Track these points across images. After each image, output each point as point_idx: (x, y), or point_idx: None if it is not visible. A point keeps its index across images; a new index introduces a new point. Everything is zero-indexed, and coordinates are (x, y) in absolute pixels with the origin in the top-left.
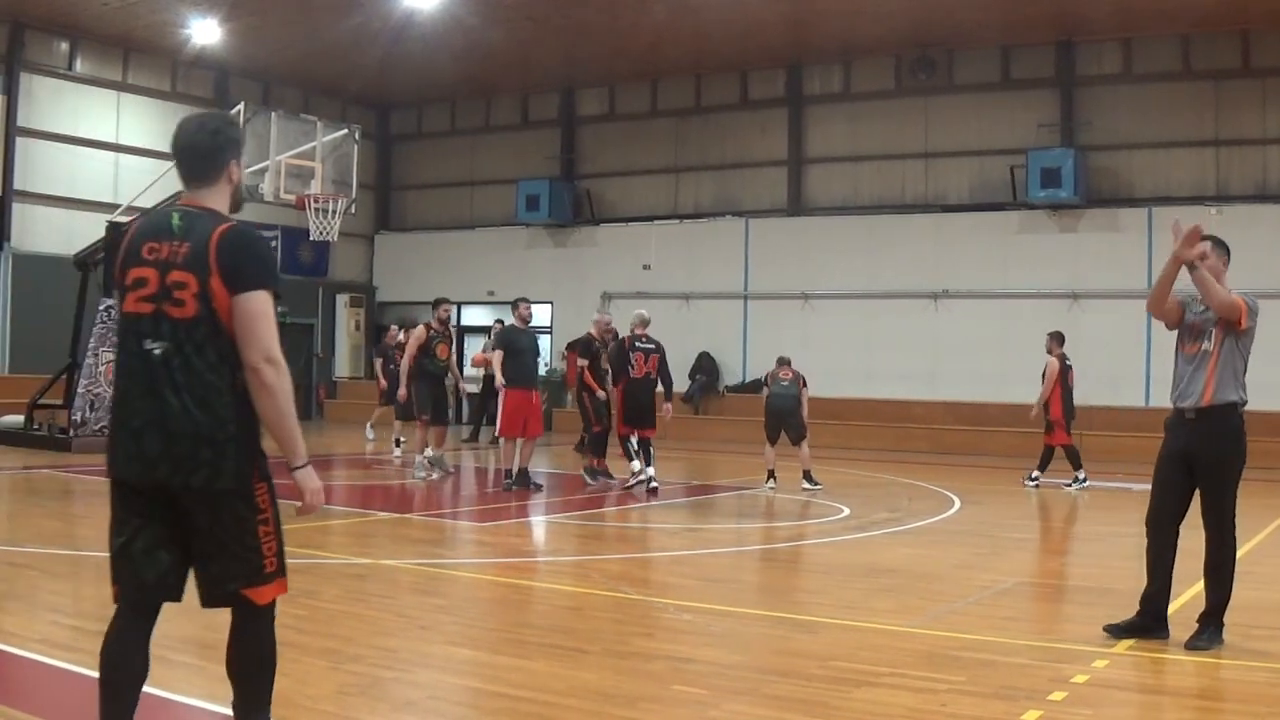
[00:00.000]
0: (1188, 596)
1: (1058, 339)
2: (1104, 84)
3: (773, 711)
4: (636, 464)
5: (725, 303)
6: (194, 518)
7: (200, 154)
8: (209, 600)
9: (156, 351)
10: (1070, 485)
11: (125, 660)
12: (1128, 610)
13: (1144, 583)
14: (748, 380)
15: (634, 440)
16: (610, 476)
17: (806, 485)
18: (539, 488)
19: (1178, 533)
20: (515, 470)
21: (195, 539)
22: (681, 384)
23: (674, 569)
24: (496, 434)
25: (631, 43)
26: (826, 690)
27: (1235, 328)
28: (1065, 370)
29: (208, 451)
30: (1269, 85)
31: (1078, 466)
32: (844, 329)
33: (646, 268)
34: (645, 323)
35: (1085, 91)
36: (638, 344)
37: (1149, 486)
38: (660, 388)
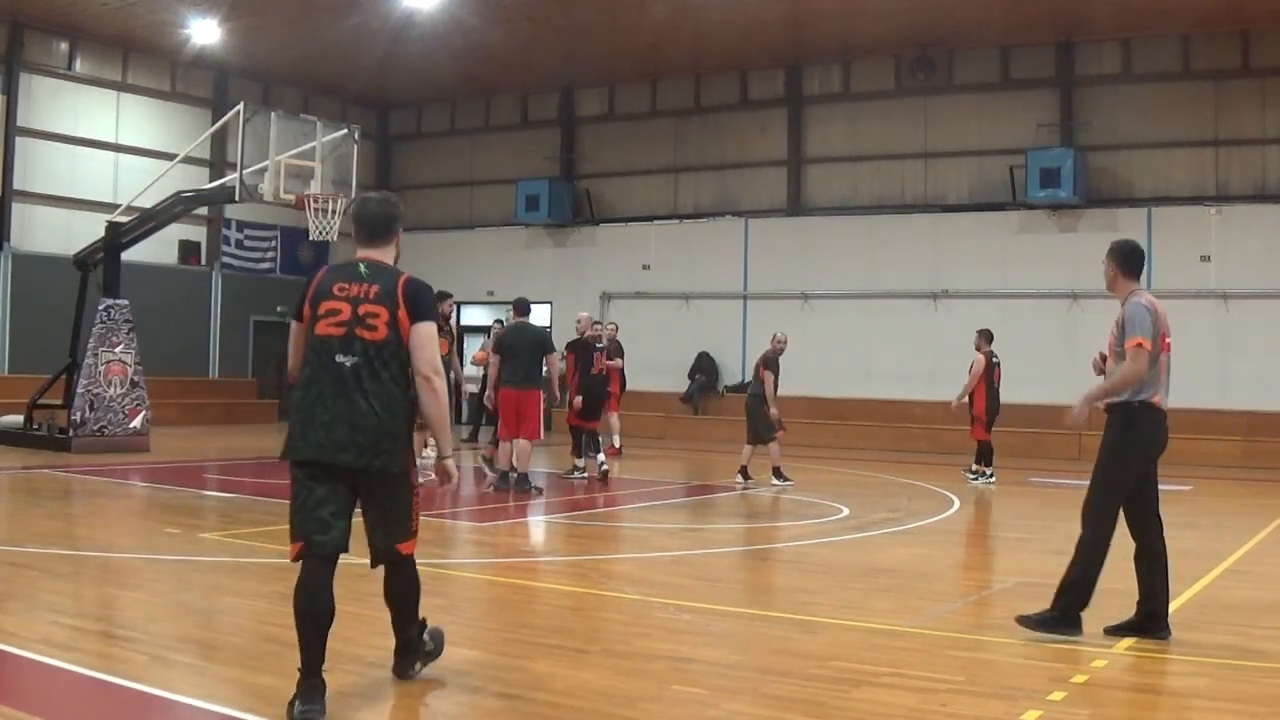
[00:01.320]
0: (1188, 596)
1: (986, 337)
2: (1104, 84)
3: (773, 711)
4: (583, 460)
5: (725, 303)
6: (371, 493)
7: (381, 224)
8: (377, 560)
9: (348, 364)
10: (975, 478)
11: (316, 602)
12: (1128, 610)
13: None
14: (747, 380)
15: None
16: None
17: (775, 482)
18: (539, 491)
19: (1154, 531)
20: (506, 471)
21: (369, 509)
22: (681, 384)
23: (674, 569)
24: (498, 435)
25: (631, 43)
26: (826, 690)
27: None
28: (992, 368)
29: (387, 442)
30: (1269, 85)
31: (988, 464)
32: (844, 329)
33: (646, 268)
34: (593, 324)
35: (1085, 91)
36: (596, 344)
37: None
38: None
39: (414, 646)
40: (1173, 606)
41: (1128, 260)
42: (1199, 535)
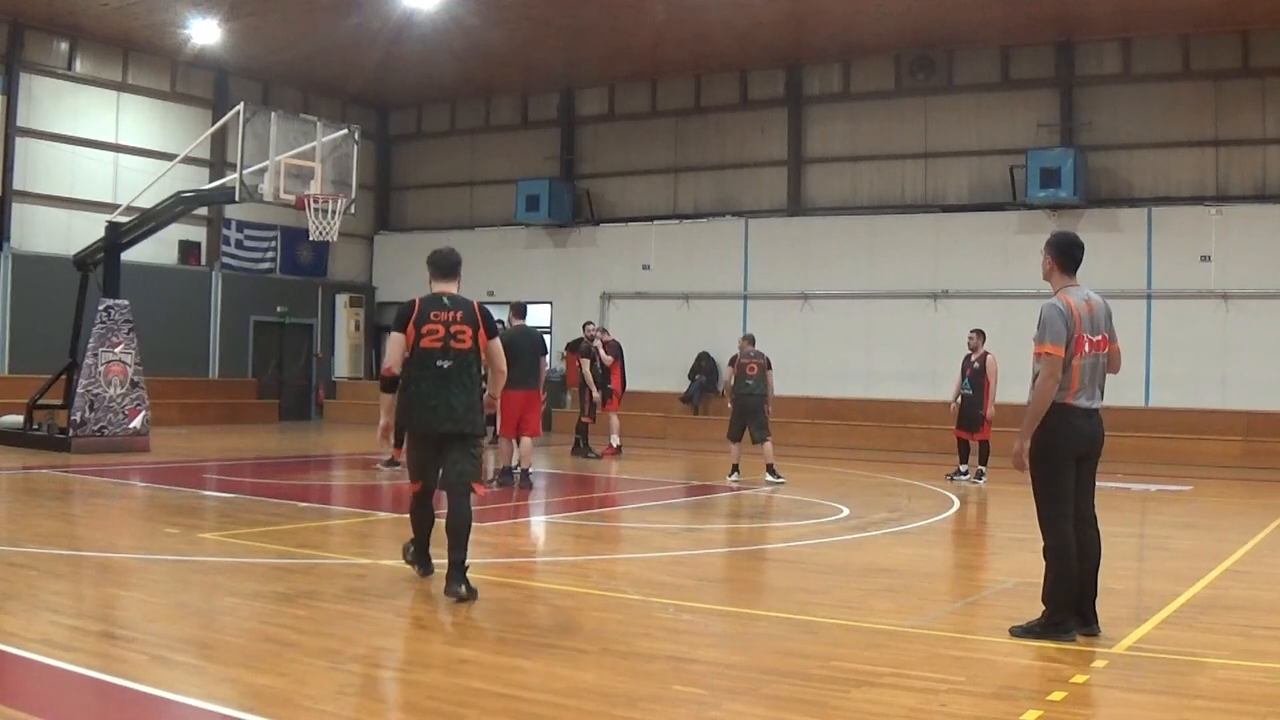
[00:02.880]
0: (1188, 596)
1: (983, 337)
2: (1104, 84)
3: (773, 711)
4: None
5: (725, 303)
6: (453, 446)
7: (454, 266)
8: (453, 492)
9: (445, 366)
10: (964, 477)
11: (426, 515)
12: (1127, 610)
13: (1142, 582)
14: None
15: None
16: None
17: (769, 478)
18: (532, 487)
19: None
20: (509, 468)
21: (451, 457)
22: (681, 384)
23: (674, 569)
24: (498, 432)
25: (631, 43)
26: (826, 690)
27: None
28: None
29: (471, 415)
30: (1269, 85)
31: (983, 462)
32: (844, 329)
33: (646, 268)
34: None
35: (1085, 91)
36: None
37: (1149, 487)
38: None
39: (460, 570)
40: (1173, 606)
41: (1065, 253)
42: (1199, 535)
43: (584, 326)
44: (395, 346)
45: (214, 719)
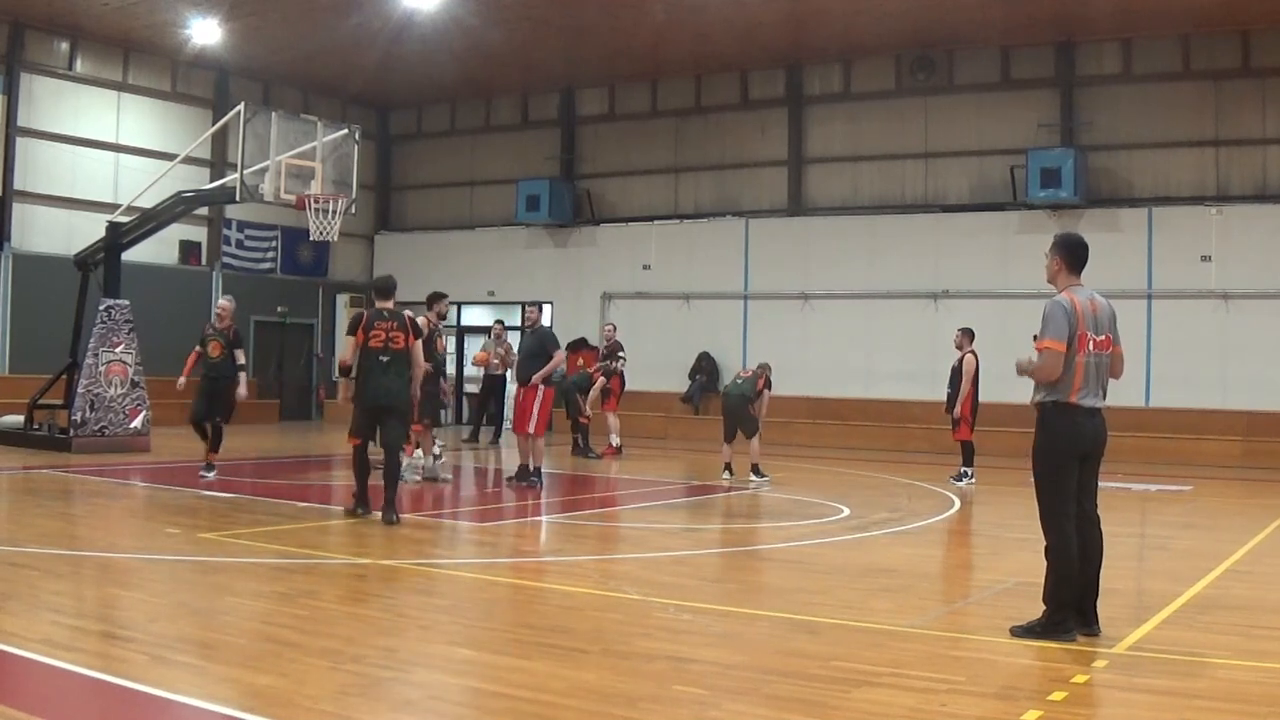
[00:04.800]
0: (1188, 596)
1: (970, 335)
2: (1104, 84)
3: (773, 711)
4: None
5: (725, 303)
6: (389, 417)
7: (391, 289)
8: (388, 451)
9: (385, 360)
10: (959, 480)
11: (364, 465)
12: (1128, 610)
13: (1142, 582)
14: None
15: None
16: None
17: (754, 478)
18: (531, 485)
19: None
20: (524, 466)
21: (386, 425)
22: (681, 384)
23: (674, 569)
24: (532, 431)
25: (631, 43)
26: (826, 690)
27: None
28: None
29: (402, 394)
30: (1269, 85)
31: (967, 463)
32: (844, 329)
33: (646, 268)
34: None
35: (1085, 91)
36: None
37: (1149, 487)
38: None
39: (391, 505)
40: (1173, 606)
41: (1072, 253)
42: (1199, 535)
43: (608, 330)
44: (350, 346)
45: (214, 719)
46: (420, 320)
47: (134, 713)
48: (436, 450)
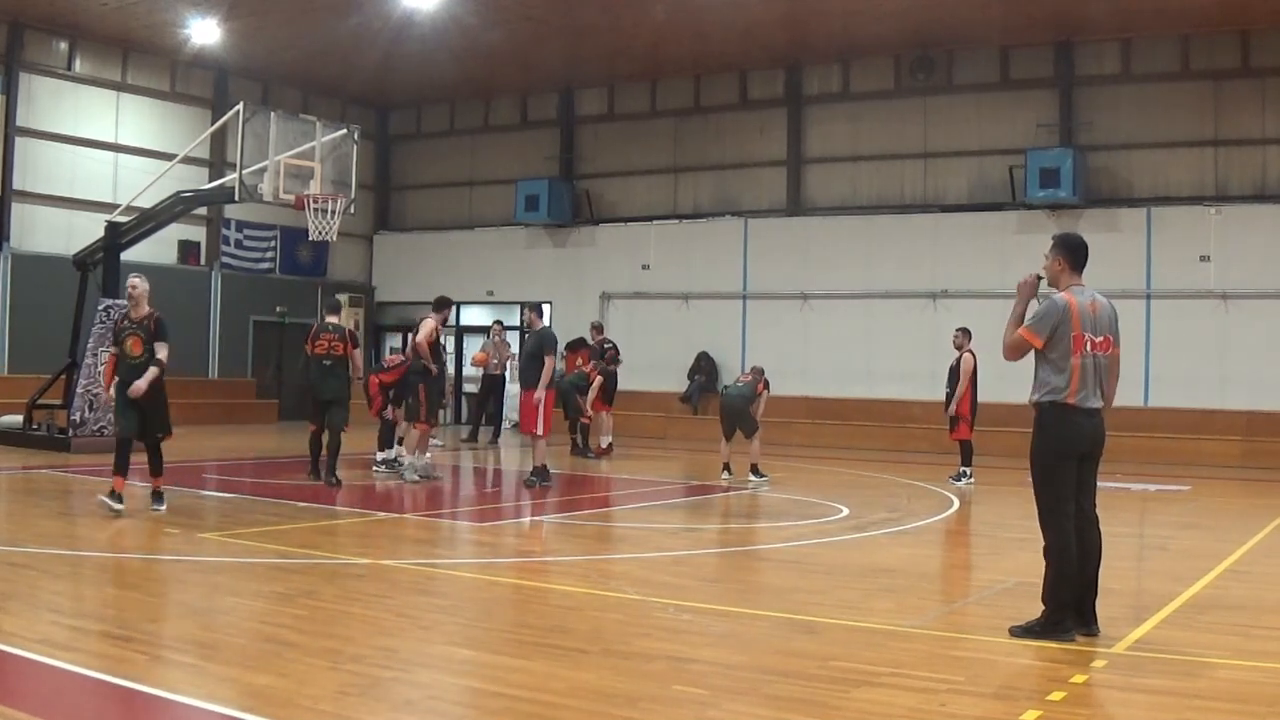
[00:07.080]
0: (1188, 596)
1: (968, 335)
2: (1103, 84)
3: (773, 711)
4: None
5: (724, 303)
6: (332, 407)
7: (338, 306)
8: (331, 432)
9: (327, 363)
10: (957, 479)
11: (318, 444)
12: (1127, 610)
13: (1141, 582)
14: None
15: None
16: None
17: (753, 478)
18: (536, 486)
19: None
20: (541, 466)
21: (329, 412)
22: (680, 384)
23: (674, 569)
24: (540, 433)
25: (631, 43)
26: (826, 690)
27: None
28: (974, 366)
29: (343, 391)
30: (1269, 85)
31: (965, 463)
32: (843, 329)
33: (646, 268)
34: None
35: (1085, 91)
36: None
37: (1149, 487)
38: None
39: (333, 472)
40: (1173, 606)
41: (1074, 253)
42: (1199, 535)
43: (596, 328)
44: (304, 352)
45: (214, 719)
46: (427, 323)
47: (133, 713)
48: (421, 458)
